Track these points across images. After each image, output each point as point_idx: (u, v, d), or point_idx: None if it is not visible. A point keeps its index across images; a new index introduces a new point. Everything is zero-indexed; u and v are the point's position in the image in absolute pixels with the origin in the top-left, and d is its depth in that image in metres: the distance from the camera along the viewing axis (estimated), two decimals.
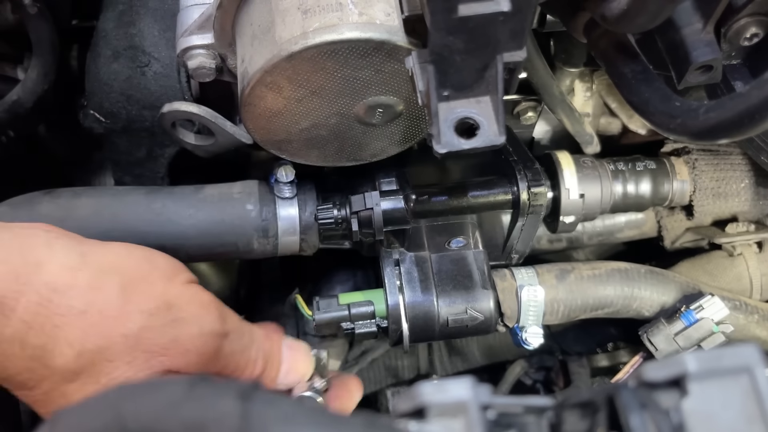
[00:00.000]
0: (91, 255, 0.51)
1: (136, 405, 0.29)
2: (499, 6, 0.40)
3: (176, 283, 0.54)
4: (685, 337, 0.71)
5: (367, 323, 0.67)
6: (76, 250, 0.51)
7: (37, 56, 0.76)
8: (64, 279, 0.49)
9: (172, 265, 0.55)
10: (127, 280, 0.51)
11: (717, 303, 0.71)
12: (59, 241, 0.51)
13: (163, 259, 0.55)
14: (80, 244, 0.52)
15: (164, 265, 0.55)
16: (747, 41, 0.53)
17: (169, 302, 0.52)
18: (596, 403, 0.31)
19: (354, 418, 0.30)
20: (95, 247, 0.53)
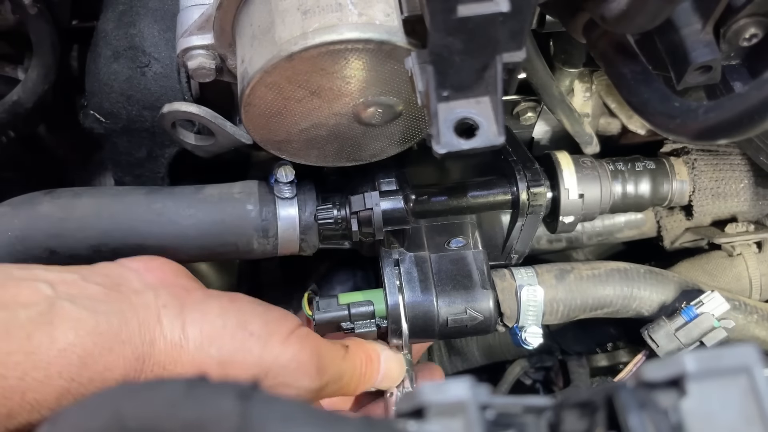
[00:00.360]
0: (190, 327, 0.53)
1: (136, 405, 0.29)
2: (499, 6, 0.40)
3: (273, 345, 0.55)
4: (686, 333, 0.71)
5: (367, 323, 0.67)
6: (178, 322, 0.52)
7: (38, 56, 0.76)
8: (171, 356, 0.50)
9: (266, 325, 0.56)
10: (224, 354, 0.53)
11: (717, 298, 0.71)
12: (165, 312, 0.52)
13: (258, 322, 0.56)
14: (182, 313, 0.53)
15: (259, 330, 0.55)
16: (746, 42, 0.53)
17: (266, 368, 0.54)
18: (595, 403, 0.31)
19: (353, 418, 0.30)
20: (194, 314, 0.54)
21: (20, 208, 0.65)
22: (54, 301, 0.47)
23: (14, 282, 0.48)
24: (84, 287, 0.51)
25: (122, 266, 0.57)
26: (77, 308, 0.48)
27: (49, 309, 0.47)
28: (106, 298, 0.50)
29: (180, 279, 0.58)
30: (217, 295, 0.58)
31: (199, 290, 0.58)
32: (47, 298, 0.48)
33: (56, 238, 0.64)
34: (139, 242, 0.65)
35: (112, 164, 0.74)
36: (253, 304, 0.58)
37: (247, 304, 0.58)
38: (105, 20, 0.69)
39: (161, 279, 0.56)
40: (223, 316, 0.55)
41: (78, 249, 0.65)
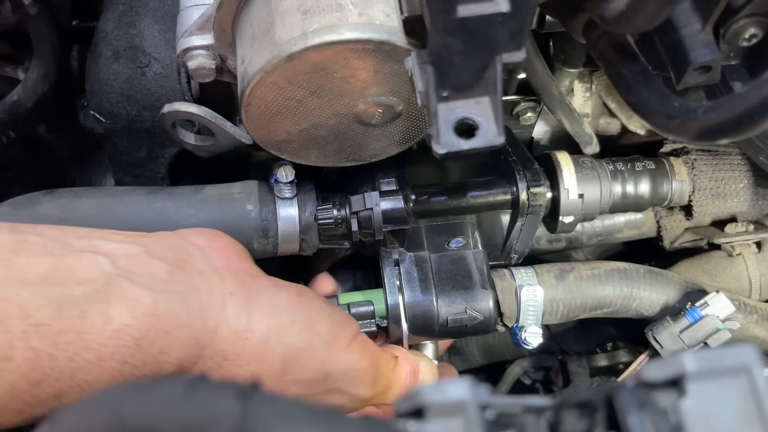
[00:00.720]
0: (257, 319, 0.50)
1: (136, 404, 0.29)
2: (498, 7, 0.40)
3: (336, 349, 0.54)
4: (691, 335, 0.70)
5: (367, 323, 0.67)
6: (244, 311, 0.50)
7: (38, 57, 0.76)
8: (234, 347, 0.48)
9: (333, 327, 0.55)
10: (289, 352, 0.51)
11: (722, 300, 0.70)
12: (231, 300, 0.50)
13: (325, 323, 0.54)
14: (248, 301, 0.51)
15: (326, 331, 0.54)
16: (746, 42, 0.53)
17: (326, 372, 0.53)
18: (595, 403, 0.31)
19: (353, 417, 0.30)
20: (262, 305, 0.51)
21: (20, 208, 0.65)
22: (112, 278, 0.45)
23: (72, 253, 0.45)
24: (146, 263, 0.48)
25: (186, 240, 0.54)
26: (135, 287, 0.45)
27: (106, 286, 0.44)
28: (168, 277, 0.48)
29: (244, 264, 0.55)
30: (284, 286, 0.55)
31: (264, 278, 0.55)
32: (105, 275, 0.45)
33: None
34: None
35: (112, 164, 0.74)
36: (320, 301, 0.57)
37: (316, 300, 0.56)
38: (105, 20, 0.69)
39: (226, 262, 0.53)
40: (292, 310, 0.53)
41: None
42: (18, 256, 0.44)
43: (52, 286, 0.43)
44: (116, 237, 0.50)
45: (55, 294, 0.43)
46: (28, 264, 0.44)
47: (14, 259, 0.44)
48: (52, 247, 0.46)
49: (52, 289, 0.43)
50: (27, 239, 0.46)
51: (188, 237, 0.54)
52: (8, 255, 0.44)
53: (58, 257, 0.45)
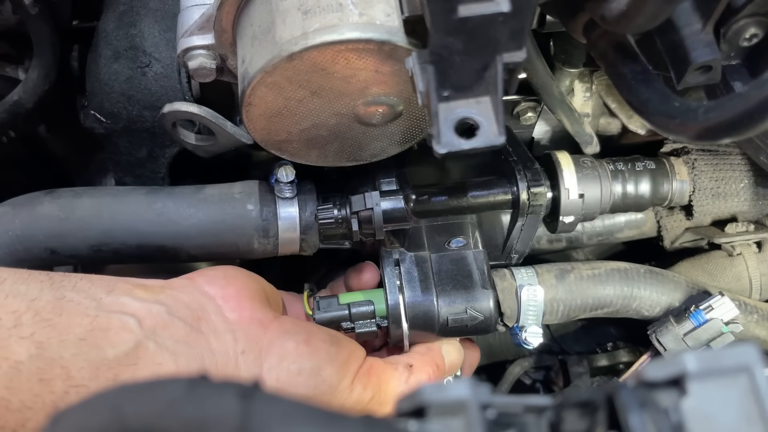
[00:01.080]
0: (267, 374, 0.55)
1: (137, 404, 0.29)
2: (499, 7, 0.40)
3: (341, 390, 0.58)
4: (694, 338, 0.70)
5: (367, 323, 0.67)
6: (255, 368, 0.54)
7: (38, 57, 0.76)
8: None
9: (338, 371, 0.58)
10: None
11: (727, 303, 0.70)
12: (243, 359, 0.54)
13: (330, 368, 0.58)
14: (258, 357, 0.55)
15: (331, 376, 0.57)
16: (746, 42, 0.53)
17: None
18: (595, 403, 0.31)
19: (354, 417, 0.30)
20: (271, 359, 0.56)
21: (21, 208, 0.65)
22: (140, 340, 0.49)
23: (104, 314, 0.50)
24: (168, 323, 0.52)
25: (201, 293, 0.57)
26: (160, 350, 0.49)
27: (135, 349, 0.49)
28: (187, 339, 0.52)
29: (256, 311, 0.58)
30: (293, 333, 0.58)
31: (274, 323, 0.58)
32: (134, 337, 0.49)
33: (57, 238, 0.64)
34: (140, 242, 0.66)
35: (112, 164, 0.74)
36: (327, 344, 0.59)
37: (322, 344, 0.59)
38: (105, 20, 0.69)
39: (239, 314, 0.57)
40: (299, 360, 0.57)
41: (78, 249, 0.65)
42: (60, 315, 0.48)
43: (90, 348, 0.47)
44: (139, 293, 0.53)
45: (93, 356, 0.47)
46: (69, 324, 0.48)
47: (57, 319, 0.48)
48: (87, 305, 0.50)
49: (90, 351, 0.47)
50: (66, 296, 0.50)
51: (203, 286, 0.58)
52: (51, 315, 0.48)
53: (93, 318, 0.49)
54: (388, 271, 0.68)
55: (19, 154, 0.93)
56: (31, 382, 0.45)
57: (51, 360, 0.45)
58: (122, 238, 0.65)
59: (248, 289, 0.60)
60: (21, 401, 0.44)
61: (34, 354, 0.45)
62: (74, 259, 0.67)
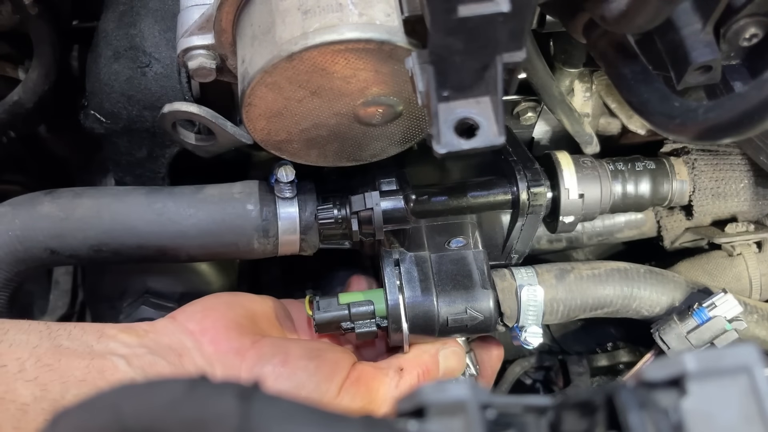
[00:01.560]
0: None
1: (136, 404, 0.29)
2: (499, 7, 0.40)
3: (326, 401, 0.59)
4: (698, 336, 0.70)
5: (367, 323, 0.67)
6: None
7: (38, 57, 0.76)
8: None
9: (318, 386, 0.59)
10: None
11: (730, 300, 0.70)
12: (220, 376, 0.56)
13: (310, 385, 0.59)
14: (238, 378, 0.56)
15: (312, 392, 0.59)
16: (746, 42, 0.53)
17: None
18: (595, 403, 0.31)
19: (354, 417, 0.30)
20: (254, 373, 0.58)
21: (20, 208, 0.65)
22: (132, 378, 0.52)
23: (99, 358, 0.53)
24: (154, 363, 0.55)
25: (182, 330, 0.60)
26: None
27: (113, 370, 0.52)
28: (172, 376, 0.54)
29: (232, 341, 0.60)
30: (269, 356, 0.60)
31: (251, 350, 0.60)
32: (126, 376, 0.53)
33: (57, 238, 0.64)
34: (140, 242, 0.66)
35: (112, 164, 0.74)
36: (305, 360, 0.61)
37: (300, 362, 0.60)
38: (105, 20, 0.69)
39: (216, 347, 0.60)
40: (277, 383, 0.58)
41: (78, 249, 0.65)
42: (60, 361, 0.52)
43: (90, 388, 0.50)
44: (125, 338, 0.57)
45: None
46: (68, 368, 0.51)
47: (57, 364, 0.51)
48: (82, 351, 0.54)
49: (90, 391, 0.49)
50: (63, 344, 0.53)
51: (184, 323, 0.61)
52: (52, 360, 0.51)
53: (89, 361, 0.53)
54: (388, 271, 0.68)
55: (19, 154, 0.93)
56: (37, 422, 0.48)
57: (54, 401, 0.49)
58: (122, 238, 0.65)
59: (225, 318, 0.62)
60: None
61: (39, 396, 0.49)
62: (74, 260, 0.67)
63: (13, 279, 0.66)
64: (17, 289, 0.68)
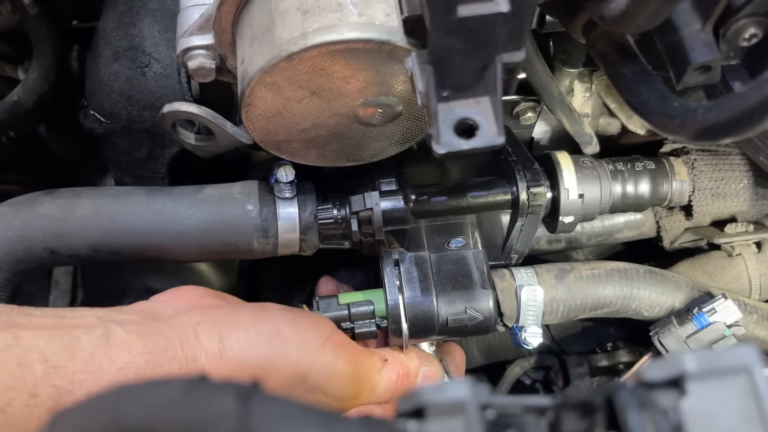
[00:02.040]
0: (226, 338, 0.56)
1: (136, 405, 0.29)
2: (498, 7, 0.40)
3: (309, 351, 0.58)
4: (697, 340, 0.70)
5: (367, 323, 0.67)
6: (215, 335, 0.55)
7: (38, 57, 0.76)
8: (214, 367, 0.54)
9: (299, 332, 0.59)
10: (263, 360, 0.56)
11: (730, 306, 0.70)
12: (200, 329, 0.55)
13: (290, 329, 0.58)
14: (216, 325, 0.56)
15: (293, 335, 0.58)
16: (746, 42, 0.53)
17: (303, 373, 0.57)
18: (595, 403, 0.31)
19: (353, 418, 0.30)
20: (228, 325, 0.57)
21: (20, 208, 0.65)
22: (107, 325, 0.53)
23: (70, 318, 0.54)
24: (126, 318, 0.55)
25: (153, 301, 0.61)
26: (126, 332, 0.53)
27: (105, 333, 0.52)
28: (146, 323, 0.55)
29: (207, 299, 0.61)
30: (246, 305, 0.61)
31: (226, 304, 0.61)
32: (100, 324, 0.53)
33: (56, 238, 0.64)
34: (139, 242, 0.66)
35: (112, 164, 0.74)
36: (282, 311, 0.61)
37: (277, 311, 0.60)
38: (105, 20, 0.69)
39: (190, 302, 0.60)
40: (256, 324, 0.58)
41: (78, 249, 0.65)
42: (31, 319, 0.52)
43: (63, 335, 0.51)
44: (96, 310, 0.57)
45: (66, 341, 0.51)
46: (40, 324, 0.52)
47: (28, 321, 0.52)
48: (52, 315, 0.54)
49: (63, 338, 0.51)
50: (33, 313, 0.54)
51: (154, 298, 0.61)
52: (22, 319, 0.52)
53: (60, 320, 0.53)
54: (388, 271, 0.68)
55: (19, 154, 0.93)
56: (10, 367, 0.48)
57: (27, 347, 0.49)
58: (122, 238, 0.65)
59: (197, 289, 0.63)
60: (4, 383, 0.47)
61: (11, 343, 0.49)
62: (74, 259, 0.67)
63: (13, 279, 0.66)
64: (17, 289, 0.68)
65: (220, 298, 0.62)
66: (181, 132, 0.66)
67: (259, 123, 0.58)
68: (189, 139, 0.67)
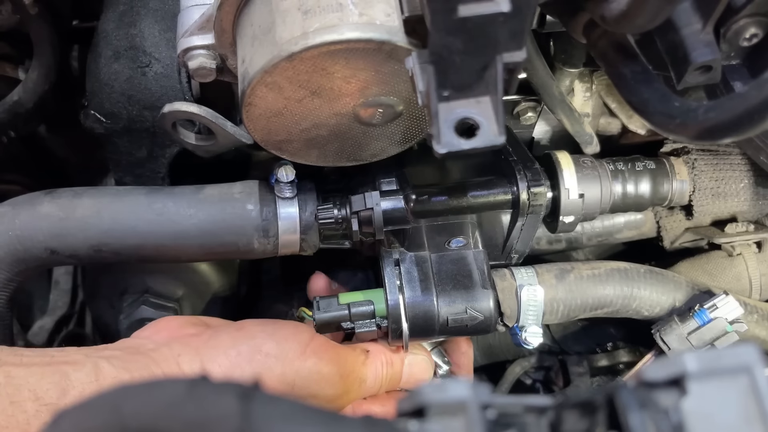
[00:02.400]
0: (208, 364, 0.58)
1: (137, 404, 0.29)
2: (499, 7, 0.40)
3: (291, 361, 0.60)
4: (698, 337, 0.70)
5: (367, 323, 0.67)
6: (197, 363, 0.58)
7: (38, 57, 0.76)
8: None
9: (279, 344, 0.61)
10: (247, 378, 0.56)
11: (731, 302, 0.70)
12: (182, 360, 0.58)
13: (270, 343, 0.60)
14: (197, 354, 0.58)
15: (273, 349, 0.60)
16: (746, 42, 0.53)
17: (290, 383, 0.59)
18: (596, 403, 0.31)
19: (354, 417, 0.30)
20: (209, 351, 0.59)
21: (21, 208, 0.65)
22: (95, 362, 0.54)
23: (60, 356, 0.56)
24: (111, 354, 0.57)
25: (134, 338, 0.63)
26: (113, 367, 0.55)
27: (93, 369, 0.54)
28: (131, 359, 0.57)
29: (186, 329, 0.63)
30: (224, 328, 0.63)
31: (205, 331, 0.62)
32: (88, 360, 0.55)
33: (57, 238, 0.64)
34: (140, 242, 0.66)
35: (112, 164, 0.74)
36: (261, 325, 0.62)
37: (256, 327, 0.62)
38: (105, 20, 0.69)
39: (169, 334, 0.62)
40: (236, 345, 0.59)
41: (78, 249, 0.65)
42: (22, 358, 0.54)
43: (53, 373, 0.53)
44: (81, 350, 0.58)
45: (57, 379, 0.52)
46: (31, 362, 0.54)
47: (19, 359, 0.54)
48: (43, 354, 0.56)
49: (53, 376, 0.53)
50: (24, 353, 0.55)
51: (138, 335, 0.64)
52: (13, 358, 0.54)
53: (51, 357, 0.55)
54: (388, 271, 0.68)
55: (20, 154, 0.93)
56: (3, 405, 0.50)
57: (19, 386, 0.51)
58: (122, 238, 0.65)
59: (177, 320, 0.65)
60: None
61: (3, 382, 0.51)
62: (74, 259, 0.67)
63: (13, 279, 0.66)
64: (17, 289, 0.68)
65: (199, 325, 0.64)
66: (181, 132, 0.66)
67: (259, 123, 0.58)
68: (189, 139, 0.67)
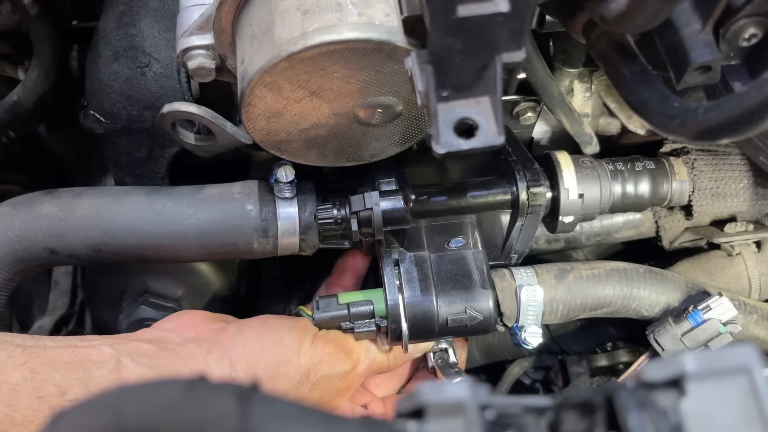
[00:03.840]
0: (236, 360, 0.61)
1: (136, 405, 0.29)
2: (498, 7, 0.40)
3: (305, 350, 0.64)
4: (692, 338, 0.70)
5: (367, 322, 0.67)
6: (225, 360, 0.61)
7: (38, 57, 0.76)
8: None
9: (297, 335, 0.65)
10: (270, 369, 0.62)
11: (725, 303, 0.70)
12: (210, 357, 0.60)
13: (289, 335, 0.64)
14: (224, 351, 0.61)
15: (292, 340, 0.64)
16: (746, 42, 0.53)
17: (305, 370, 0.63)
18: (595, 403, 0.31)
19: (353, 417, 0.30)
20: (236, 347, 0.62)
21: (20, 208, 0.65)
22: (118, 359, 0.55)
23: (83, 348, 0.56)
24: (137, 347, 0.58)
25: (159, 329, 0.64)
26: (137, 365, 0.56)
27: (116, 367, 0.55)
28: (157, 355, 0.58)
29: (210, 324, 0.65)
30: (248, 323, 0.65)
31: (229, 326, 0.65)
32: (113, 358, 0.55)
33: (56, 238, 0.65)
34: (139, 242, 0.66)
35: (112, 164, 0.74)
36: (281, 319, 0.66)
37: (276, 320, 0.66)
38: (105, 20, 0.69)
39: (195, 331, 0.64)
40: (259, 339, 0.63)
41: (78, 249, 0.65)
42: (45, 350, 0.54)
43: (77, 369, 0.54)
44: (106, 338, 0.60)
45: (81, 376, 0.53)
46: (54, 355, 0.54)
47: (43, 352, 0.54)
48: (66, 344, 0.56)
49: (77, 372, 0.54)
50: (46, 344, 0.56)
51: (159, 326, 0.66)
52: (38, 351, 0.54)
53: (74, 350, 0.55)
54: (388, 271, 0.68)
55: (19, 154, 0.93)
56: (29, 400, 0.51)
57: (44, 381, 0.52)
58: (122, 238, 0.65)
59: (199, 314, 0.67)
60: (23, 416, 0.50)
61: (29, 377, 0.51)
62: (74, 259, 0.67)
63: (13, 279, 0.67)
64: (17, 289, 0.69)
65: (222, 321, 0.66)
66: (181, 132, 0.66)
67: (258, 123, 0.58)
68: (189, 139, 0.67)
